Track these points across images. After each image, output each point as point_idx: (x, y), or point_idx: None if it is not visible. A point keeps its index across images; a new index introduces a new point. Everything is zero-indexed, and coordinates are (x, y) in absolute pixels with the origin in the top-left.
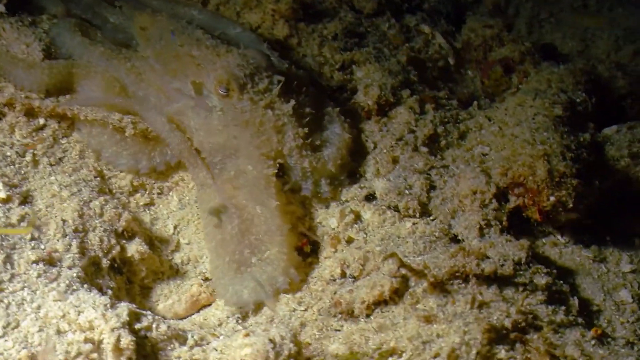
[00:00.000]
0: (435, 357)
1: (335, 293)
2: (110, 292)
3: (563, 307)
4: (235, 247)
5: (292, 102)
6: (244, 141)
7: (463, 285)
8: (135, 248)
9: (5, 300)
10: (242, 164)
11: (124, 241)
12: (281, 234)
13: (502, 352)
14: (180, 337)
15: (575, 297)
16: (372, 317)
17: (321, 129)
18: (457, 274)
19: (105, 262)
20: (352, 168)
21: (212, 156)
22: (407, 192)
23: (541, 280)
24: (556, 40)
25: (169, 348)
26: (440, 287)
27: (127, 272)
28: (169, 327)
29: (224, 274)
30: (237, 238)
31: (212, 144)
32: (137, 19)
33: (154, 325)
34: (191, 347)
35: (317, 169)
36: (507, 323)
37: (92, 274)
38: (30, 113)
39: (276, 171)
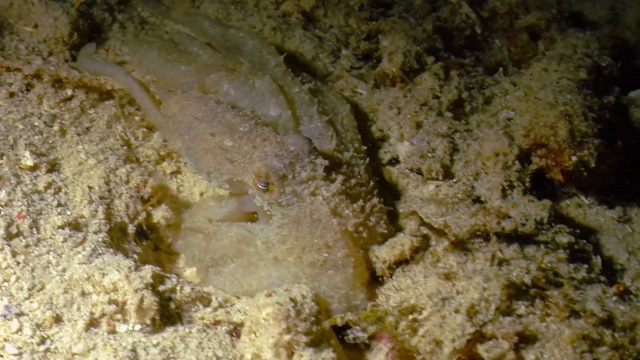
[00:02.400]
0: (454, 312)
1: None
2: (136, 257)
3: (585, 266)
4: None
5: (339, 180)
6: (304, 237)
7: (484, 243)
8: (161, 214)
9: (31, 264)
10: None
11: (150, 208)
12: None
13: (521, 307)
14: (204, 299)
15: (598, 256)
16: (393, 277)
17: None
18: (477, 233)
19: (131, 228)
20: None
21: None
22: (430, 155)
23: (563, 239)
24: (585, 9)
25: (193, 310)
26: (460, 245)
27: (153, 239)
28: (192, 289)
29: None
30: None
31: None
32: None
33: (177, 288)
34: (215, 309)
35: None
36: (527, 279)
37: (118, 240)
38: (59, 84)
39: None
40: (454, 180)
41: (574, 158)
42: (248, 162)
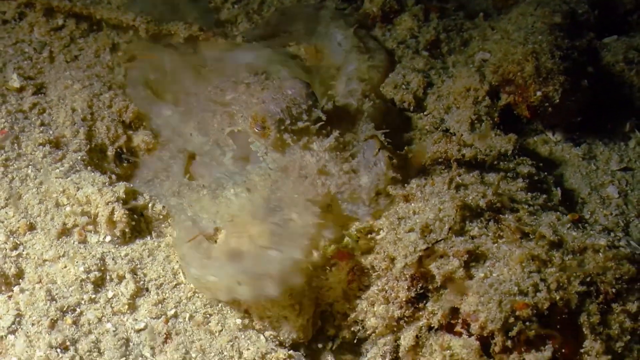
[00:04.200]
0: (409, 231)
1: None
2: (114, 177)
3: (544, 196)
4: None
5: (333, 135)
6: (286, 189)
7: (445, 170)
8: (141, 138)
9: (10, 176)
10: (287, 214)
11: (131, 131)
12: None
13: (475, 229)
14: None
15: (558, 188)
16: None
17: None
18: (439, 160)
19: (111, 150)
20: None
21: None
22: (403, 87)
23: (524, 169)
24: None
25: (163, 225)
26: (422, 171)
27: (133, 162)
28: (164, 207)
29: None
30: None
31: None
32: None
33: (149, 204)
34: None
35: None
36: (482, 203)
37: (97, 160)
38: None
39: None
40: (425, 112)
41: (538, 93)
42: (245, 109)
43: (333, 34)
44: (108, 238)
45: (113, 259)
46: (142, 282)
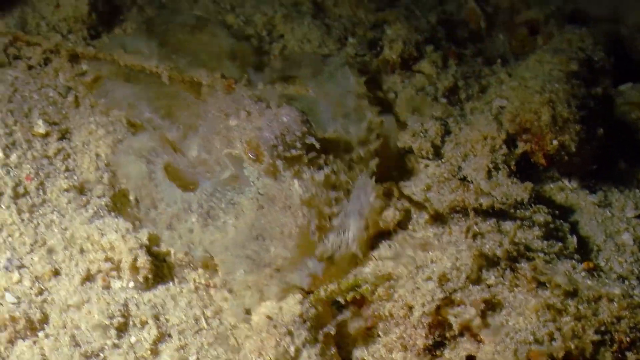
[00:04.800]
0: (426, 280)
1: None
2: (137, 222)
3: (560, 244)
4: None
5: (324, 170)
6: (270, 218)
7: (462, 218)
8: None
9: (35, 221)
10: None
11: None
12: None
13: (491, 278)
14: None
15: (574, 236)
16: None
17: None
18: (457, 208)
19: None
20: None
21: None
22: (422, 134)
23: (540, 217)
24: (588, 7)
25: (186, 271)
26: (440, 219)
27: None
28: (186, 254)
29: None
30: None
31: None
32: None
33: (172, 251)
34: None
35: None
36: (499, 252)
37: (121, 204)
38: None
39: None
40: (443, 160)
41: (555, 142)
42: (243, 135)
43: (342, 78)
44: (131, 284)
45: (136, 305)
46: (164, 328)
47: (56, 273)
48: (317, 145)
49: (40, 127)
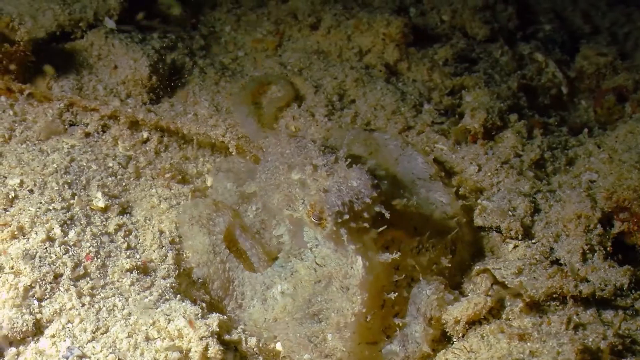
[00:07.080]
0: None
1: None
2: (204, 304)
3: None
4: None
5: (391, 255)
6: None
7: (560, 306)
8: None
9: (97, 306)
10: (323, 328)
11: None
12: None
13: None
14: (269, 353)
15: None
16: (464, 337)
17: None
18: (554, 295)
19: None
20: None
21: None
22: (510, 213)
23: None
24: None
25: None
26: (536, 307)
27: None
28: (258, 341)
29: None
30: None
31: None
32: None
33: (243, 338)
34: None
35: None
36: (603, 345)
37: (186, 286)
38: (135, 127)
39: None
40: (533, 240)
41: None
42: (307, 196)
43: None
44: None
45: None
46: None
47: None
48: (387, 215)
49: (100, 201)
